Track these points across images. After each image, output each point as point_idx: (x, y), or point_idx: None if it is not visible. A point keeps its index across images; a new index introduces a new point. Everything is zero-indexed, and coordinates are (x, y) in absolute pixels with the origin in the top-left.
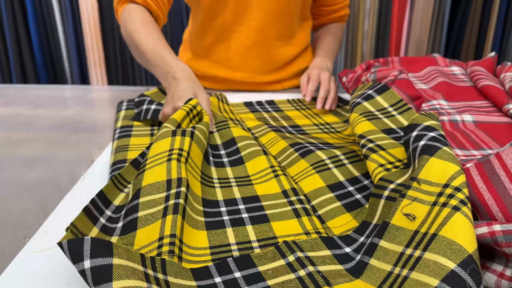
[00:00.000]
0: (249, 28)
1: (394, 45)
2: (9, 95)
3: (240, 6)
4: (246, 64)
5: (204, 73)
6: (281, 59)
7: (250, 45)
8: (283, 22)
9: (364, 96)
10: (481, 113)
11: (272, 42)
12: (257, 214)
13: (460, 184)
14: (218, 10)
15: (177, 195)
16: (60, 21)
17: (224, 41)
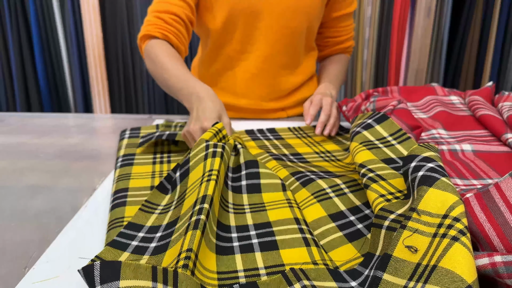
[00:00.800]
0: (255, 57)
1: (393, 74)
2: (13, 123)
3: (247, 36)
4: (252, 91)
5: None
6: (286, 87)
7: (256, 73)
8: (289, 52)
9: (363, 125)
10: (480, 142)
11: (277, 71)
12: (267, 240)
13: (459, 214)
14: (226, 39)
15: (199, 211)
16: (65, 51)
17: (230, 69)
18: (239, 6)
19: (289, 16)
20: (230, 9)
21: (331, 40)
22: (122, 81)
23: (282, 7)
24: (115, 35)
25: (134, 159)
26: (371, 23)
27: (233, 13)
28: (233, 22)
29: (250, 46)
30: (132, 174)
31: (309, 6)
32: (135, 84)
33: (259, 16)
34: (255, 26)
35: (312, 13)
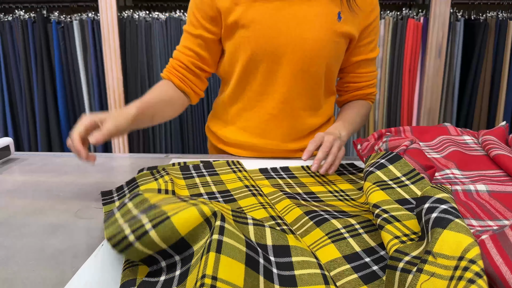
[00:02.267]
0: (275, 99)
1: (406, 113)
2: (34, 163)
3: (267, 79)
4: (271, 132)
5: (231, 139)
6: (305, 128)
7: (276, 114)
8: (307, 95)
9: (376, 165)
10: (495, 182)
11: (297, 113)
12: (287, 274)
13: (474, 256)
14: (247, 81)
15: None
16: (86, 93)
17: (250, 109)
18: (261, 51)
19: (308, 61)
20: (252, 53)
21: (351, 86)
22: None
23: (302, 52)
24: (135, 78)
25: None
26: (382, 63)
27: (255, 57)
28: (255, 65)
29: (270, 88)
30: None
31: (328, 52)
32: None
33: (280, 60)
34: (275, 69)
35: (331, 58)
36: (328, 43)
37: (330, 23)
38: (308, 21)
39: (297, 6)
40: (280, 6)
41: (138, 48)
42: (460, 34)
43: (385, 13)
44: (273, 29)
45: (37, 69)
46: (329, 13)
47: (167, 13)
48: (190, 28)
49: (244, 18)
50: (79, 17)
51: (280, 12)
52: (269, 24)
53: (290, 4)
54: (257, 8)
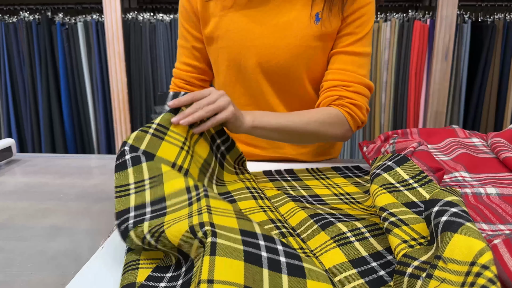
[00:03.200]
0: (261, 109)
1: (412, 116)
2: (37, 164)
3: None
4: (266, 142)
5: None
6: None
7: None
8: (297, 103)
9: (383, 167)
10: (506, 185)
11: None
12: (295, 264)
13: (487, 261)
14: (231, 91)
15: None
16: (90, 95)
17: None
18: (236, 62)
19: (286, 68)
20: (229, 64)
21: (323, 84)
22: (144, 123)
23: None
24: (140, 80)
25: None
26: (388, 66)
27: (232, 68)
28: (234, 76)
29: (254, 99)
30: None
31: (306, 57)
32: None
33: (257, 70)
34: (256, 79)
35: (310, 63)
36: (303, 48)
37: (305, 29)
38: (281, 29)
39: (271, 14)
40: (253, 15)
41: (143, 50)
42: (467, 36)
43: (391, 15)
44: (248, 38)
45: (41, 70)
46: (304, 18)
47: (172, 15)
48: (183, 42)
49: (219, 29)
50: (83, 19)
51: (254, 19)
52: (243, 34)
53: (263, 12)
54: (231, 18)
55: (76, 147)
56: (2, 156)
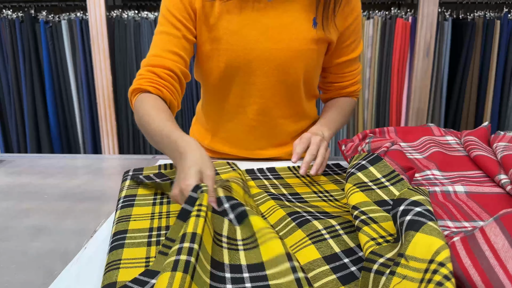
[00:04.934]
0: (253, 111)
1: (394, 113)
2: (21, 164)
3: (244, 91)
4: (252, 143)
5: (213, 148)
6: (286, 135)
7: (255, 125)
8: (288, 104)
9: (358, 166)
10: (474, 183)
11: (277, 122)
12: (261, 285)
13: (444, 259)
14: (223, 94)
15: (190, 252)
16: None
17: (230, 121)
18: (235, 64)
19: (283, 71)
20: (225, 67)
21: (335, 85)
22: (130, 121)
23: (276, 63)
24: (124, 77)
25: (135, 200)
26: (371, 64)
27: (229, 70)
28: (229, 78)
29: (247, 100)
30: (132, 216)
31: (304, 60)
32: None
33: (254, 72)
34: (251, 81)
35: (308, 65)
36: (303, 52)
37: (304, 32)
38: (281, 31)
39: (269, 16)
40: (252, 18)
41: (127, 47)
42: (448, 33)
43: (373, 13)
44: (247, 40)
45: (25, 69)
46: (302, 21)
47: (156, 13)
48: (171, 30)
49: (216, 29)
50: (67, 17)
51: (252, 23)
52: (243, 35)
53: (262, 14)
54: (230, 19)
55: (62, 145)
56: None
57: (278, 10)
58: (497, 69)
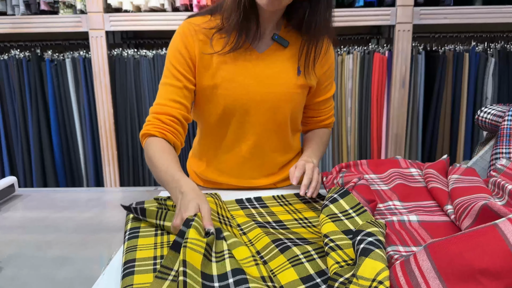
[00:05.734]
0: (248, 145)
1: (375, 139)
2: (37, 199)
3: (240, 128)
4: (245, 172)
5: (209, 178)
6: (275, 166)
7: (249, 157)
8: (277, 139)
9: (331, 199)
10: (426, 213)
11: (268, 154)
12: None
13: (383, 278)
14: (220, 132)
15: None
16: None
17: (226, 153)
18: (233, 105)
19: (274, 111)
20: (223, 109)
21: (314, 119)
22: (130, 152)
23: (269, 105)
24: (125, 111)
25: (139, 232)
26: (352, 94)
27: (226, 113)
28: (227, 118)
29: (242, 136)
30: (138, 246)
31: (292, 102)
32: (142, 156)
33: (249, 113)
34: (246, 120)
35: (295, 105)
36: (290, 95)
37: (291, 78)
38: (272, 78)
39: (260, 66)
40: (246, 65)
41: (127, 83)
42: (422, 66)
43: (353, 48)
44: (242, 87)
45: (32, 105)
46: (289, 69)
47: (154, 51)
48: (174, 82)
49: (214, 78)
50: (71, 55)
51: (247, 71)
52: (238, 82)
53: (254, 64)
54: (227, 69)
55: (66, 175)
56: (6, 193)
57: (268, 60)
58: (468, 97)
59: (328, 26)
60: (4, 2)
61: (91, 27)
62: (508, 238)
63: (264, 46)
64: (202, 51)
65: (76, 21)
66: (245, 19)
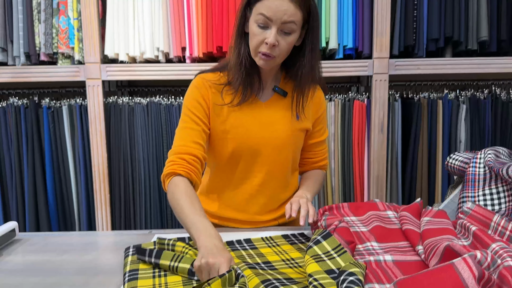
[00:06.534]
0: (254, 183)
1: (358, 180)
2: (37, 243)
3: (247, 168)
4: (251, 207)
5: (215, 213)
6: (277, 201)
7: (254, 194)
8: (280, 177)
9: (315, 241)
10: (400, 253)
11: (272, 191)
12: None
13: None
14: (230, 171)
15: None
16: (73, 169)
17: (233, 190)
18: (242, 147)
19: (278, 152)
20: (233, 151)
21: (309, 160)
22: (122, 195)
23: (273, 146)
24: (119, 156)
25: (138, 273)
26: (335, 138)
27: (236, 154)
28: (236, 159)
29: (249, 174)
30: (138, 287)
31: (293, 143)
32: (133, 200)
33: (256, 154)
34: (253, 161)
35: (295, 146)
36: (291, 137)
37: (291, 123)
38: (275, 123)
39: (265, 112)
40: (252, 113)
41: (122, 129)
42: (399, 112)
43: (334, 96)
44: (249, 131)
45: (28, 150)
46: (289, 115)
47: (148, 98)
48: (193, 126)
49: (225, 124)
50: (68, 103)
51: (253, 118)
52: (246, 128)
53: (259, 111)
54: (236, 116)
55: (59, 220)
56: (7, 237)
57: (270, 108)
58: (443, 141)
59: (314, 75)
60: (5, 53)
61: (88, 76)
62: (461, 274)
63: (267, 96)
64: (214, 102)
65: (74, 71)
66: (248, 76)
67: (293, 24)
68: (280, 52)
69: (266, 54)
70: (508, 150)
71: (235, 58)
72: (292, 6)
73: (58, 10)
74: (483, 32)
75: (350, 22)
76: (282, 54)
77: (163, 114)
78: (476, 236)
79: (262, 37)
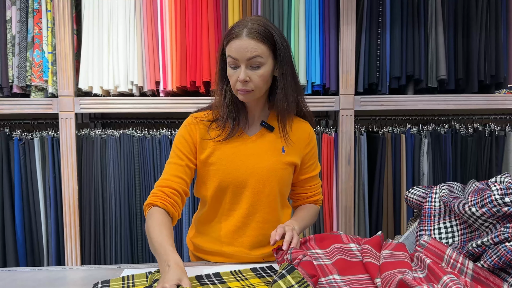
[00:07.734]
0: (239, 214)
1: (327, 210)
2: (3, 279)
3: (234, 199)
4: (237, 240)
5: (203, 247)
6: (266, 238)
7: (240, 226)
8: (266, 211)
9: (280, 275)
10: (360, 285)
11: (258, 225)
12: None
13: None
14: (219, 202)
15: None
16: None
17: (221, 222)
18: (227, 178)
19: (263, 183)
20: (219, 182)
21: (302, 195)
22: (93, 231)
23: (258, 178)
24: (90, 188)
25: None
26: None
27: (222, 185)
28: (223, 190)
29: (236, 206)
30: None
31: (278, 176)
32: (104, 233)
33: (241, 185)
34: (239, 192)
35: (282, 179)
36: (276, 170)
37: (276, 156)
38: (260, 155)
39: (251, 145)
40: (238, 146)
41: (94, 161)
42: (364, 145)
43: None
44: (235, 163)
45: None
46: (275, 148)
47: (121, 130)
48: (177, 160)
49: (212, 157)
50: (39, 135)
51: (239, 150)
52: (232, 160)
53: (246, 144)
54: (222, 149)
55: (26, 254)
56: None
57: (257, 142)
58: (407, 173)
59: (289, 103)
60: None
61: (61, 109)
62: None
63: (254, 130)
64: (201, 137)
65: (47, 103)
66: (234, 112)
67: (258, 57)
68: (255, 86)
69: (242, 89)
70: (461, 185)
71: (219, 98)
72: (253, 42)
73: (33, 44)
74: (442, 71)
75: (318, 60)
76: (259, 86)
77: (136, 146)
78: (430, 268)
79: (236, 76)
